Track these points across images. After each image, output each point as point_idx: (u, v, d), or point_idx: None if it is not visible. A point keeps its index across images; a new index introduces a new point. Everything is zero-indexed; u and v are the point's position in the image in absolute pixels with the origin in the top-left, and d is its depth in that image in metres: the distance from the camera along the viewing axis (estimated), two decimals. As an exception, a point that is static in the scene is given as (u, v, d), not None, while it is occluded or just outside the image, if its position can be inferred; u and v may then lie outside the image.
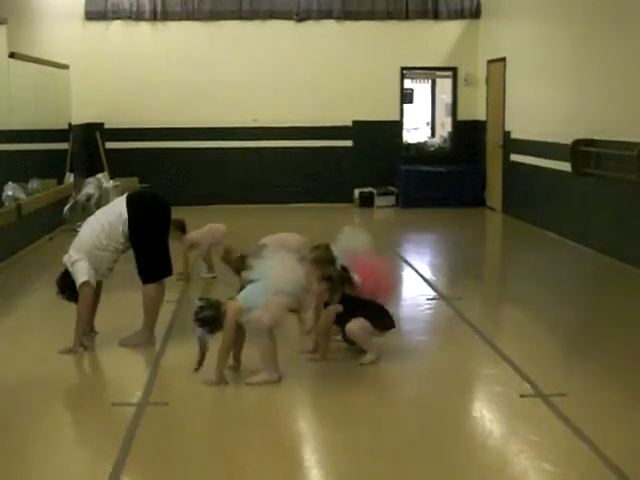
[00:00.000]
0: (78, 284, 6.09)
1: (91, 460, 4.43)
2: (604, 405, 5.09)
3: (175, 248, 8.37)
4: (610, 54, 9.61)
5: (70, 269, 6.14)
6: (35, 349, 6.32)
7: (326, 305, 5.89)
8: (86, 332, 6.43)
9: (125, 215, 6.15)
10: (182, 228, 8.40)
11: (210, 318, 5.40)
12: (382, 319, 5.94)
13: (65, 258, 6.20)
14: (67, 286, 6.20)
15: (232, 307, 5.40)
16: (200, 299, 5.58)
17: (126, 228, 6.14)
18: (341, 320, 5.85)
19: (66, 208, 11.45)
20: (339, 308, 5.83)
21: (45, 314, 7.37)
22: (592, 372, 5.72)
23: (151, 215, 6.31)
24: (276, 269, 5.43)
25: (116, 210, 6.24)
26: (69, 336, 6.13)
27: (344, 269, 6.10)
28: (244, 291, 5.49)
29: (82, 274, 6.09)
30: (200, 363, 5.48)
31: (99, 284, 6.41)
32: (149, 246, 6.27)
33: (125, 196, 6.34)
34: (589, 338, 6.66)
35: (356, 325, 5.80)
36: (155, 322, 6.41)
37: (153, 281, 6.32)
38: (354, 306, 5.88)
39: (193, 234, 8.63)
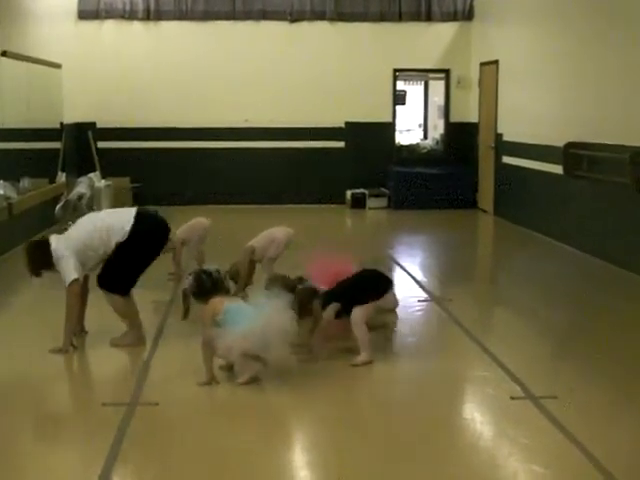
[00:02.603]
0: (67, 281, 6.06)
1: (81, 460, 4.42)
2: (594, 407, 5.10)
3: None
4: (603, 57, 9.63)
5: (56, 263, 6.07)
6: (25, 348, 6.29)
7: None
8: (77, 332, 6.42)
9: (127, 229, 6.11)
10: None
11: (202, 284, 5.49)
12: (376, 287, 5.98)
13: (53, 240, 6.12)
14: (37, 264, 6.14)
15: (211, 305, 5.41)
16: (217, 270, 5.64)
17: (121, 240, 6.11)
18: (343, 313, 5.89)
19: (58, 207, 11.42)
20: (337, 307, 5.84)
21: (36, 313, 7.35)
22: (583, 374, 5.73)
23: (151, 240, 6.29)
24: (267, 317, 5.30)
25: (120, 220, 6.18)
26: (60, 335, 6.10)
27: (300, 279, 6.13)
28: (237, 304, 5.51)
29: (71, 271, 6.04)
30: (185, 313, 5.64)
31: (86, 278, 6.36)
32: (132, 264, 6.23)
33: (134, 212, 6.28)
34: (580, 340, 6.67)
35: (355, 318, 5.82)
36: (137, 322, 6.36)
37: (112, 291, 6.26)
38: (346, 294, 5.92)
39: (179, 232, 8.53)
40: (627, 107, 9.02)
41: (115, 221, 6.20)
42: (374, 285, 6.01)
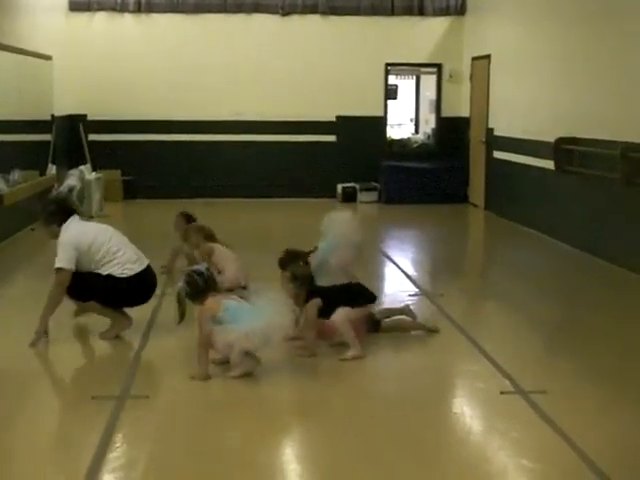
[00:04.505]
0: (56, 265, 6.06)
1: (71, 453, 4.40)
2: (584, 402, 5.12)
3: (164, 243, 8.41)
4: (594, 53, 9.64)
5: (58, 242, 6.11)
6: (15, 341, 6.26)
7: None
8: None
9: (125, 274, 6.17)
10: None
11: (195, 285, 5.45)
12: (360, 297, 6.05)
13: (71, 222, 6.19)
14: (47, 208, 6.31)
15: (209, 305, 5.39)
16: (207, 268, 5.63)
17: (112, 275, 6.16)
18: (324, 312, 5.88)
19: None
20: (319, 302, 5.85)
21: (26, 305, 7.31)
22: (572, 369, 5.75)
23: (132, 297, 6.35)
24: (269, 317, 5.29)
25: (128, 260, 6.23)
26: (49, 328, 6.11)
27: (306, 263, 6.22)
28: (236, 302, 5.49)
29: (64, 260, 6.05)
30: (180, 317, 5.56)
31: None
32: (106, 297, 6.26)
33: (146, 265, 6.36)
34: (570, 335, 6.69)
35: (338, 317, 5.83)
36: (113, 312, 6.36)
37: (85, 301, 6.31)
38: (331, 295, 5.96)
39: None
40: (618, 102, 9.03)
41: (125, 257, 6.23)
42: (356, 297, 6.06)
